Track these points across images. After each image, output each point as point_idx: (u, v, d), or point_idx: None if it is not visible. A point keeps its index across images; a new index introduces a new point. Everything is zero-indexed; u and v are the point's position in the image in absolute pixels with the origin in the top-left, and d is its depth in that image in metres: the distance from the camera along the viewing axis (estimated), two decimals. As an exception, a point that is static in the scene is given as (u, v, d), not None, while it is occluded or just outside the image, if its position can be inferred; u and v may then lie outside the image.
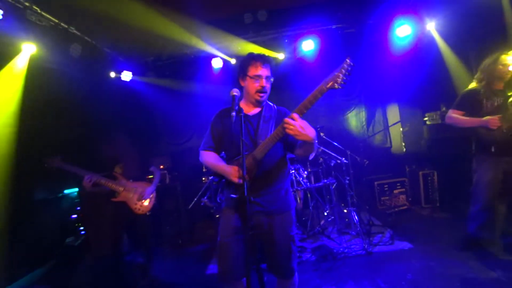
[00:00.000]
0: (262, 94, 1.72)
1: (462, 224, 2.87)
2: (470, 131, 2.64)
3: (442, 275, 2.48)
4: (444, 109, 4.13)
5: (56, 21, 2.95)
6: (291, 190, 1.95)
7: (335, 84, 1.42)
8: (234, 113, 1.47)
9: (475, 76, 2.68)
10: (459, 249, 2.80)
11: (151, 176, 3.04)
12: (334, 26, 4.09)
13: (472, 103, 2.58)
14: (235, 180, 1.64)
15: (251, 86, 1.73)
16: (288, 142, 1.74)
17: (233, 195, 1.71)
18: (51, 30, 2.89)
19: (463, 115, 2.62)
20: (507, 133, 2.40)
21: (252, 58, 1.72)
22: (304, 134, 1.45)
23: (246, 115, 1.78)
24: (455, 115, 2.64)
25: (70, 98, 3.45)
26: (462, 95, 2.69)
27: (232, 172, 1.67)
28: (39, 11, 2.67)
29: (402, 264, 2.72)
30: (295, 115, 1.46)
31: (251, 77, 1.72)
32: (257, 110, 1.82)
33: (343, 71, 1.42)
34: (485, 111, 2.51)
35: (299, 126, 1.44)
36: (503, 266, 2.44)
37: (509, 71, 2.47)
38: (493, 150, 2.49)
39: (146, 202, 2.86)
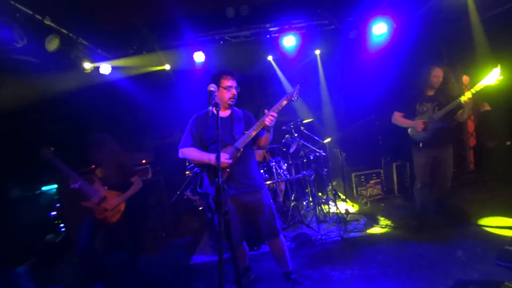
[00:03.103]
0: (233, 100, 2.22)
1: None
2: (406, 129, 3.20)
3: (409, 255, 2.71)
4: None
5: (30, 12, 2.86)
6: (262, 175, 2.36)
7: (292, 98, 2.09)
8: (211, 108, 1.57)
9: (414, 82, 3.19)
10: (420, 231, 3.11)
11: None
12: (315, 23, 4.20)
13: (409, 107, 3.12)
14: (226, 162, 2.04)
15: (224, 94, 2.19)
16: (255, 137, 2.20)
17: (215, 179, 1.95)
18: (25, 22, 2.80)
19: (403, 116, 3.16)
20: (430, 133, 2.98)
21: (224, 73, 2.19)
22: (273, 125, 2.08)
23: (221, 117, 2.21)
24: (397, 116, 3.21)
25: (47, 93, 3.37)
26: (402, 100, 3.23)
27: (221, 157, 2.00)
28: (12, 2, 2.57)
29: (374, 248, 2.94)
30: (273, 113, 2.05)
31: (224, 88, 2.18)
32: (227, 113, 2.30)
33: (297, 91, 2.09)
34: (417, 114, 3.08)
35: (275, 119, 2.05)
36: (464, 247, 2.69)
37: (439, 81, 2.97)
38: (421, 145, 3.09)
39: (110, 214, 2.74)
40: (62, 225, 4.01)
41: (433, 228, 3.08)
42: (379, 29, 4.16)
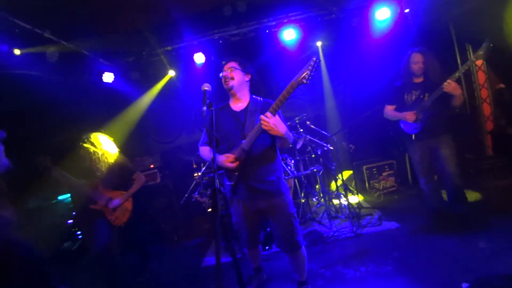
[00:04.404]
0: (229, 83, 1.96)
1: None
2: (398, 122, 3.00)
3: (427, 250, 2.58)
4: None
5: (30, 27, 2.90)
6: (283, 176, 2.12)
7: (304, 80, 1.62)
8: (205, 108, 1.52)
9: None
10: (438, 224, 2.93)
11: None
12: (314, 14, 4.07)
13: (397, 98, 2.94)
14: (229, 165, 1.85)
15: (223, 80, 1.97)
16: (271, 136, 1.93)
17: (228, 182, 1.95)
18: (25, 36, 2.84)
19: (395, 109, 2.97)
20: (421, 123, 2.78)
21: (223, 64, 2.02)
22: (276, 130, 1.70)
23: (234, 111, 2.01)
24: (387, 110, 3.03)
25: (52, 103, 3.43)
26: (390, 91, 3.04)
27: (224, 159, 1.87)
28: (10, 18, 2.61)
29: (389, 243, 2.82)
30: (268, 114, 1.69)
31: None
32: (243, 105, 2.02)
33: (310, 68, 1.60)
34: (407, 104, 2.88)
35: (272, 123, 1.68)
36: (487, 238, 2.52)
37: (421, 67, 2.76)
38: (413, 138, 2.89)
39: (120, 214, 2.72)
40: (79, 232, 4.11)
41: (450, 222, 2.89)
42: (383, 14, 3.98)
